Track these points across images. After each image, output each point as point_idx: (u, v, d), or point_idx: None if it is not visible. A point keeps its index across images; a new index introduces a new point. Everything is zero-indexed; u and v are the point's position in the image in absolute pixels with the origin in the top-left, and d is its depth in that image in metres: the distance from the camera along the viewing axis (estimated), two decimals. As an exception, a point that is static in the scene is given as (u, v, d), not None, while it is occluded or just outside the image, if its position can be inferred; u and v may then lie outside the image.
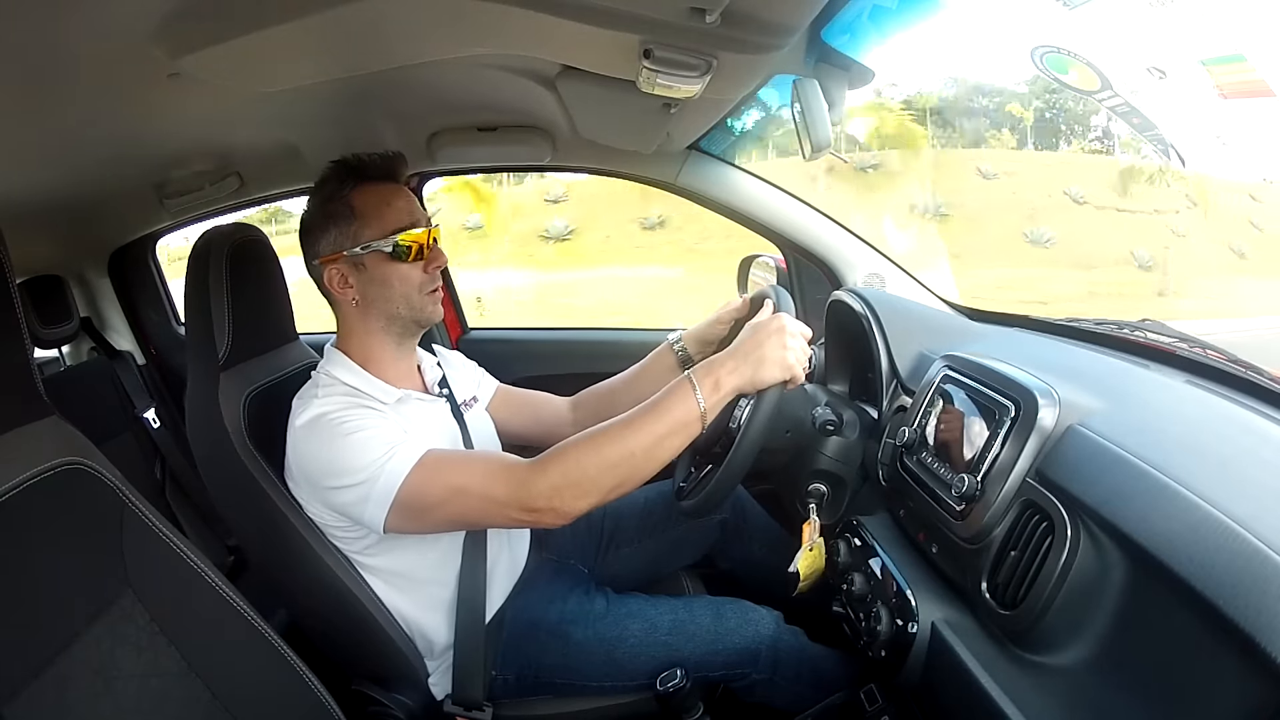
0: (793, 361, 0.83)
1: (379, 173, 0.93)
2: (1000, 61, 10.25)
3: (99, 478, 0.67)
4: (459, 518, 0.87)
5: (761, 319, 0.89)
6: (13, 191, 1.06)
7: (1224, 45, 0.61)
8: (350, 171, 0.92)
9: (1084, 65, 0.72)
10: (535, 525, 0.85)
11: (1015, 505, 0.70)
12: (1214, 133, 0.71)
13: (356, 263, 0.91)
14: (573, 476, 0.81)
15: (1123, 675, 0.57)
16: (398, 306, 0.94)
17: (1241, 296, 6.97)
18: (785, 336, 0.84)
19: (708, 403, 0.81)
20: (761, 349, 0.83)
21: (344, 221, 0.91)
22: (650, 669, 0.95)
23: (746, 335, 0.86)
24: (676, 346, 1.14)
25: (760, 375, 0.83)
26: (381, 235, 0.90)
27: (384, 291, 0.93)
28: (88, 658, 0.60)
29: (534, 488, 0.81)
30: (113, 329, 1.71)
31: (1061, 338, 1.05)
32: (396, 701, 0.96)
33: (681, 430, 0.82)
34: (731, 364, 0.83)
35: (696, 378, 0.83)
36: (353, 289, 0.93)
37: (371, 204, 0.91)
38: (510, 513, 0.83)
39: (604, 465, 0.81)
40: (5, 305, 0.59)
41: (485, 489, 0.83)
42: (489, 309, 5.54)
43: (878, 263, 1.41)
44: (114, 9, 0.63)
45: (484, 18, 0.69)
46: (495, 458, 0.88)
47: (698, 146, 1.40)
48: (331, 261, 0.92)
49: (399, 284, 0.92)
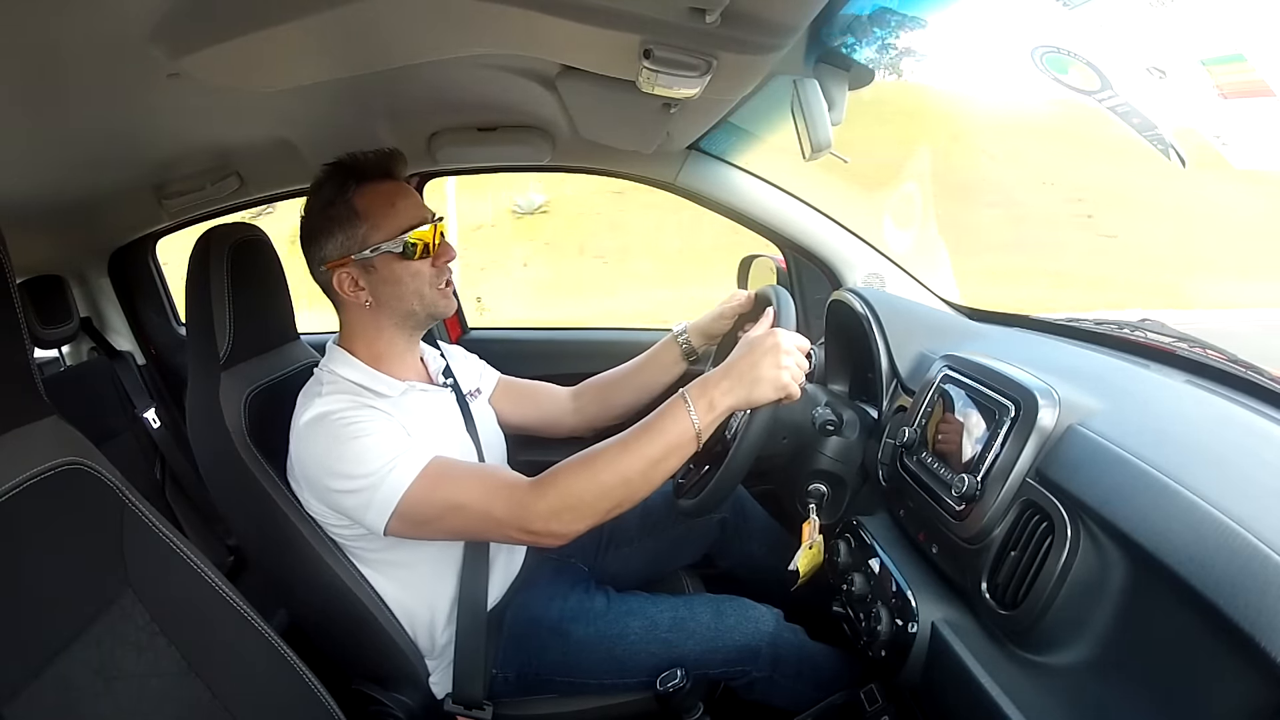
0: (787, 380, 0.83)
1: (377, 171, 0.92)
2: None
3: (99, 478, 0.67)
4: (458, 531, 0.88)
5: (757, 333, 0.88)
6: (13, 191, 1.05)
7: (1224, 45, 0.61)
8: (348, 173, 0.91)
9: (1084, 65, 0.72)
10: (533, 545, 0.87)
11: (1015, 505, 0.70)
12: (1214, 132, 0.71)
13: (366, 265, 0.91)
14: (570, 501, 0.82)
15: (1123, 675, 0.57)
16: (412, 304, 0.94)
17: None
18: (780, 355, 0.83)
19: (702, 423, 0.82)
20: (756, 369, 0.82)
21: (349, 225, 0.90)
22: (650, 666, 0.96)
23: (742, 351, 0.85)
24: (681, 339, 1.15)
25: (755, 395, 0.83)
26: (390, 236, 0.90)
27: (397, 290, 0.92)
28: (88, 658, 0.60)
29: (533, 510, 0.82)
30: (113, 329, 1.71)
31: (1061, 338, 1.05)
32: (397, 701, 0.96)
33: (676, 452, 0.82)
34: (726, 384, 0.83)
35: (691, 397, 0.83)
36: (364, 291, 0.92)
37: (376, 205, 0.90)
38: (509, 532, 0.84)
39: (600, 490, 0.82)
40: (5, 305, 0.59)
41: (485, 507, 0.83)
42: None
43: (878, 263, 1.41)
44: (113, 9, 0.62)
45: (484, 18, 0.69)
46: (496, 475, 0.88)
47: (698, 146, 1.40)
48: (340, 266, 0.91)
49: (412, 281, 0.92)
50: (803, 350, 0.86)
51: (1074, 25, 0.68)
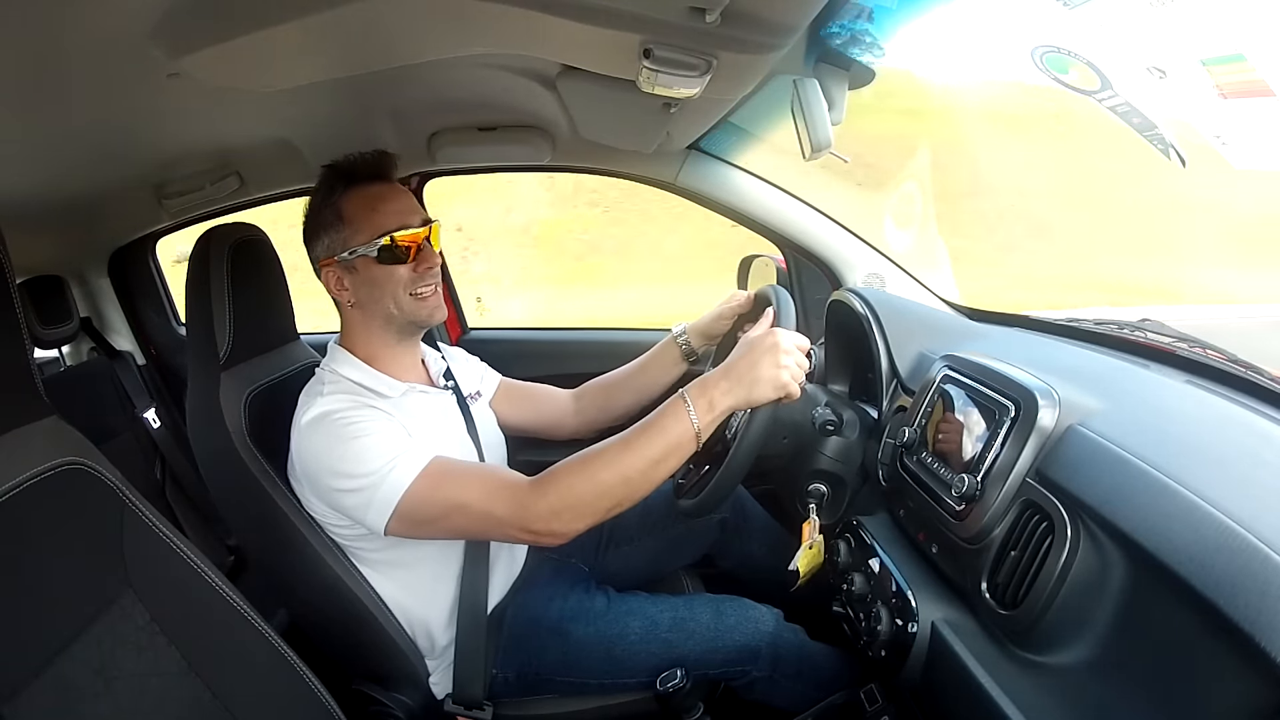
0: (787, 380, 0.83)
1: (369, 172, 0.94)
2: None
3: (99, 478, 0.67)
4: (459, 531, 0.88)
5: (757, 333, 0.88)
6: (13, 191, 1.06)
7: (1224, 45, 0.61)
8: (339, 176, 0.93)
9: (1084, 65, 0.72)
10: (534, 544, 0.87)
11: (1015, 505, 0.70)
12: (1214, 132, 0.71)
13: (348, 267, 0.93)
14: (570, 500, 0.82)
15: (1123, 675, 0.57)
16: (390, 308, 0.94)
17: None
18: (779, 354, 0.83)
19: (701, 422, 0.82)
20: (756, 369, 0.82)
21: (333, 228, 0.92)
22: (650, 666, 0.96)
23: (742, 351, 0.85)
24: (680, 340, 1.15)
25: (754, 395, 0.83)
26: (368, 240, 0.91)
27: (374, 293, 0.93)
28: (88, 658, 0.60)
29: (533, 509, 0.82)
30: (113, 329, 1.71)
31: (1061, 338, 1.05)
32: (397, 701, 0.96)
33: (676, 452, 0.82)
34: (725, 384, 0.83)
35: (690, 397, 0.83)
36: (348, 291, 0.94)
37: (359, 209, 0.92)
38: (510, 531, 0.84)
39: (600, 490, 0.82)
40: (5, 305, 0.59)
41: (485, 507, 0.84)
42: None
43: (878, 263, 1.41)
44: (114, 9, 0.62)
45: (484, 18, 0.69)
46: (497, 475, 0.88)
47: (698, 146, 1.40)
48: (327, 265, 0.94)
49: (387, 284, 0.93)
50: (802, 350, 0.86)
51: (1074, 25, 0.68)
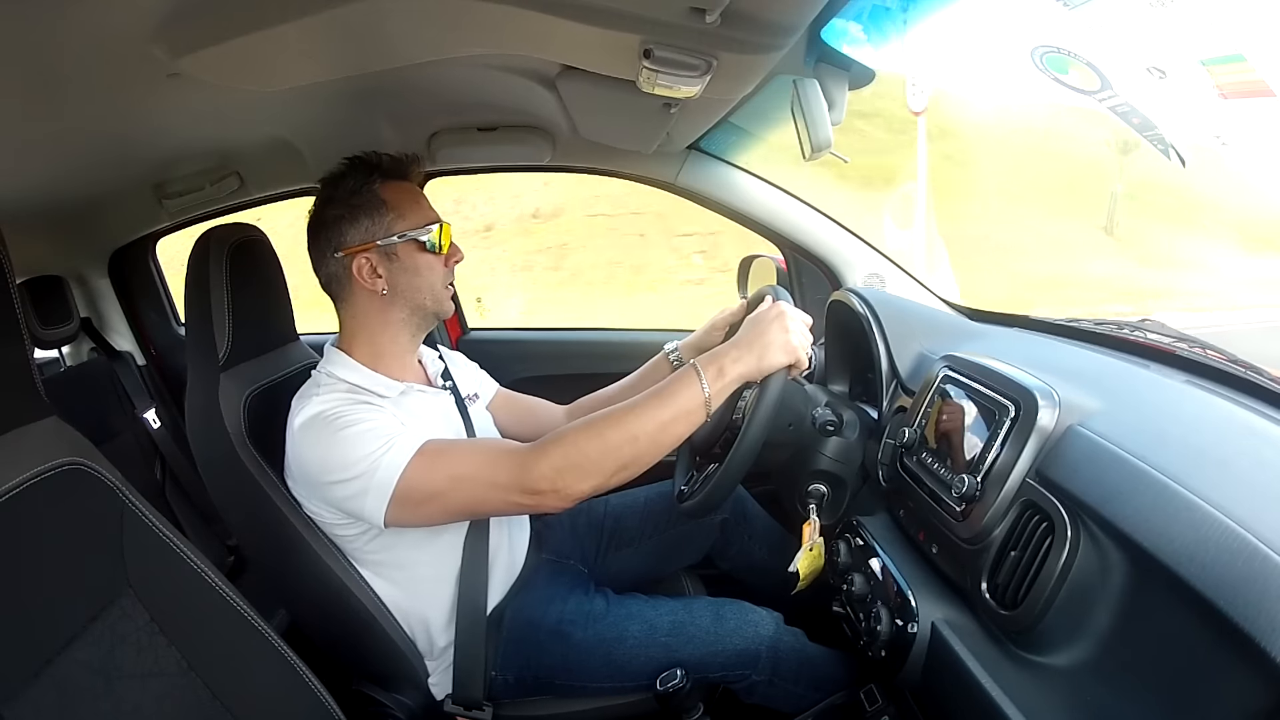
0: (796, 344, 0.84)
1: (398, 171, 0.96)
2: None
3: (99, 478, 0.67)
4: (460, 507, 0.86)
5: (761, 310, 0.89)
6: (13, 191, 1.06)
7: (1224, 45, 0.61)
8: (372, 168, 0.94)
9: (1084, 65, 0.72)
10: (537, 509, 0.84)
11: (1015, 505, 0.70)
12: (1214, 132, 0.71)
13: (389, 252, 0.93)
14: (574, 458, 0.81)
15: (1123, 675, 0.57)
16: (424, 297, 0.96)
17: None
18: (787, 320, 0.84)
19: (712, 389, 0.81)
20: (765, 335, 0.84)
21: (375, 212, 0.92)
22: (650, 670, 0.95)
23: (748, 327, 0.87)
24: (672, 357, 1.15)
25: (765, 361, 0.83)
26: (415, 226, 0.93)
27: (414, 281, 0.94)
28: (88, 658, 0.60)
29: (536, 469, 0.81)
30: (113, 329, 1.71)
31: (1061, 338, 1.05)
32: (397, 701, 0.96)
33: (685, 417, 0.82)
34: (735, 352, 0.84)
35: (701, 365, 0.83)
36: (382, 279, 0.93)
37: (402, 198, 0.94)
38: (512, 496, 0.82)
39: (607, 448, 0.81)
40: (5, 305, 0.59)
41: (487, 475, 0.83)
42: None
43: (878, 263, 1.41)
44: (114, 9, 0.62)
45: (484, 18, 0.69)
46: (495, 443, 0.89)
47: (698, 146, 1.40)
48: (362, 251, 0.92)
49: (428, 274, 0.95)
50: (807, 324, 0.87)
51: (1074, 25, 0.68)
